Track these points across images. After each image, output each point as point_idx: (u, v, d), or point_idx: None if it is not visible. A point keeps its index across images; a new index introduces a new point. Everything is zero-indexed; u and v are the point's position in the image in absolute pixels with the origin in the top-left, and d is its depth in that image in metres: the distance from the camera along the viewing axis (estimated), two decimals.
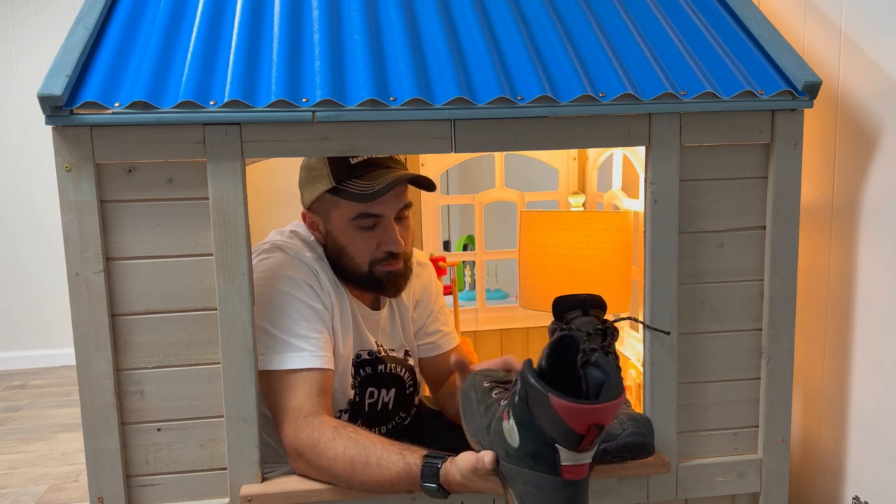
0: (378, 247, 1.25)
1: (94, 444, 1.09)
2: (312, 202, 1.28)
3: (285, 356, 1.15)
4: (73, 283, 1.05)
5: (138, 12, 1.17)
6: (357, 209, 1.23)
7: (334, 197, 1.24)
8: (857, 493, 1.28)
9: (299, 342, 1.16)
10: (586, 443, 0.81)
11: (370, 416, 1.36)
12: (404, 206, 1.28)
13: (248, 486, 1.11)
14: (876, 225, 1.21)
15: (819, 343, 1.35)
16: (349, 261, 1.26)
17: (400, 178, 1.23)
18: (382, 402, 1.37)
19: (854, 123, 1.24)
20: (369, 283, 1.28)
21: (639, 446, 1.09)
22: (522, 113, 1.09)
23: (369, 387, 1.34)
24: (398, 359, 1.39)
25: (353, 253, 1.26)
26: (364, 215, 1.23)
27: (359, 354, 1.32)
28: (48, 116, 1.00)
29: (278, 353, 1.16)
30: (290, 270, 1.21)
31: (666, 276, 1.17)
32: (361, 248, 1.25)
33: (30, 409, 3.11)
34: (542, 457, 0.84)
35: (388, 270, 1.27)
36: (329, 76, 1.08)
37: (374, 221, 1.24)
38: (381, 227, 1.25)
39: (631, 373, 1.64)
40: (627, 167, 1.72)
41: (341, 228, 1.26)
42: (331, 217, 1.27)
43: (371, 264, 1.26)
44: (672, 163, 1.15)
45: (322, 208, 1.28)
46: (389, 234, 1.25)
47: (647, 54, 1.19)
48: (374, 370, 1.34)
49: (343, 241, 1.26)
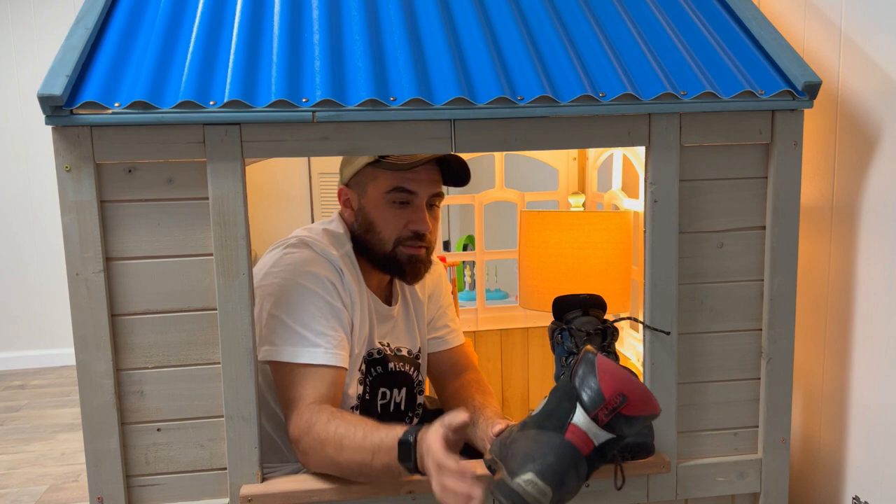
0: (406, 225, 1.28)
1: (94, 444, 1.09)
2: (352, 177, 1.31)
3: (299, 349, 1.16)
4: (73, 283, 1.05)
5: (138, 12, 1.17)
6: (394, 181, 1.26)
7: (374, 169, 1.27)
8: (857, 493, 1.28)
9: (315, 338, 1.17)
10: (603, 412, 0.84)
11: (383, 418, 1.36)
12: (437, 193, 1.31)
13: (248, 486, 1.11)
14: (876, 225, 1.21)
15: (819, 343, 1.35)
16: (376, 236, 1.29)
17: (439, 156, 1.26)
18: (395, 403, 1.37)
19: (854, 123, 1.24)
20: (390, 264, 1.30)
21: (639, 446, 1.09)
22: (522, 113, 1.09)
23: (381, 387, 1.35)
24: (405, 357, 1.39)
25: (381, 227, 1.28)
26: (399, 189, 1.26)
27: (369, 353, 1.32)
28: (48, 116, 1.00)
29: (292, 345, 1.16)
30: (314, 266, 1.23)
31: (666, 276, 1.17)
32: (390, 223, 1.28)
33: (30, 409, 3.11)
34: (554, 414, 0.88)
35: (411, 254, 1.29)
36: (329, 76, 1.08)
37: (407, 198, 1.27)
38: (413, 206, 1.28)
39: None
40: (627, 167, 1.72)
41: (375, 202, 1.28)
42: (367, 191, 1.29)
43: (396, 243, 1.28)
44: (672, 163, 1.15)
45: (360, 182, 1.30)
46: (419, 214, 1.28)
47: (647, 54, 1.19)
48: (385, 369, 1.34)
49: (374, 215, 1.28)
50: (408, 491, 1.13)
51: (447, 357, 1.46)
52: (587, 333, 1.22)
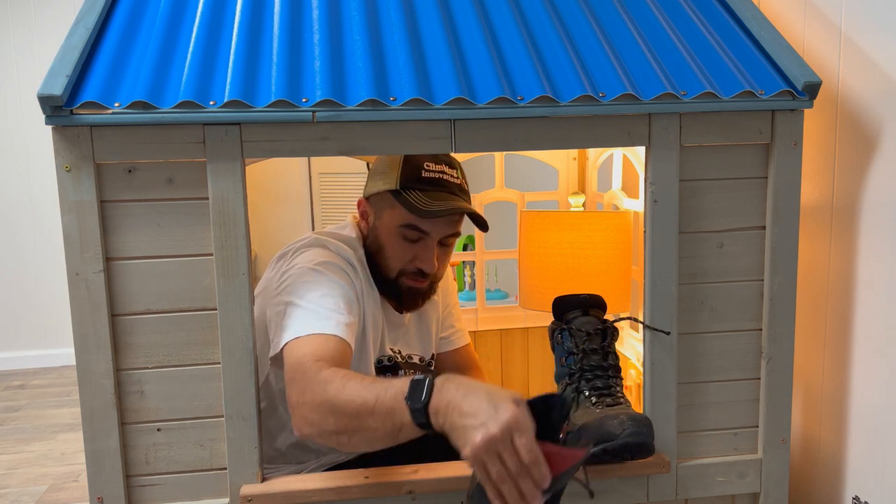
0: (412, 260, 1.27)
1: (94, 444, 1.09)
2: (373, 194, 1.32)
3: (308, 321, 1.11)
4: (73, 283, 1.05)
5: (138, 12, 1.17)
6: (408, 219, 1.25)
7: (393, 199, 1.27)
8: (857, 493, 1.28)
9: (326, 312, 1.13)
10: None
11: None
12: (453, 233, 1.30)
13: (248, 486, 1.11)
14: (876, 225, 1.21)
15: (819, 343, 1.35)
16: (383, 261, 1.29)
17: (457, 209, 1.25)
18: None
19: (854, 123, 1.24)
20: (391, 290, 1.30)
21: (639, 446, 1.09)
22: (522, 113, 1.09)
23: None
24: (417, 365, 1.38)
25: (388, 255, 1.28)
26: (412, 227, 1.25)
27: (379, 360, 1.31)
28: (48, 116, 1.00)
29: (302, 320, 1.11)
30: (329, 257, 1.23)
31: (666, 276, 1.17)
32: (397, 254, 1.27)
33: (30, 409, 3.11)
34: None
35: (412, 286, 1.29)
36: (329, 76, 1.08)
37: (418, 236, 1.26)
38: (423, 243, 1.27)
39: (631, 373, 1.64)
40: (627, 167, 1.72)
41: (388, 230, 1.28)
42: (383, 215, 1.29)
43: (399, 273, 1.28)
44: (672, 163, 1.15)
45: (378, 203, 1.31)
46: (427, 253, 1.27)
47: (647, 54, 1.19)
48: (396, 376, 1.34)
49: (384, 241, 1.28)
50: (408, 491, 1.13)
51: (451, 358, 1.46)
52: (587, 333, 1.22)
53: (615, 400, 1.17)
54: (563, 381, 1.23)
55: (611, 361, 1.22)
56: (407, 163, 1.27)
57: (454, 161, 1.32)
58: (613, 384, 1.20)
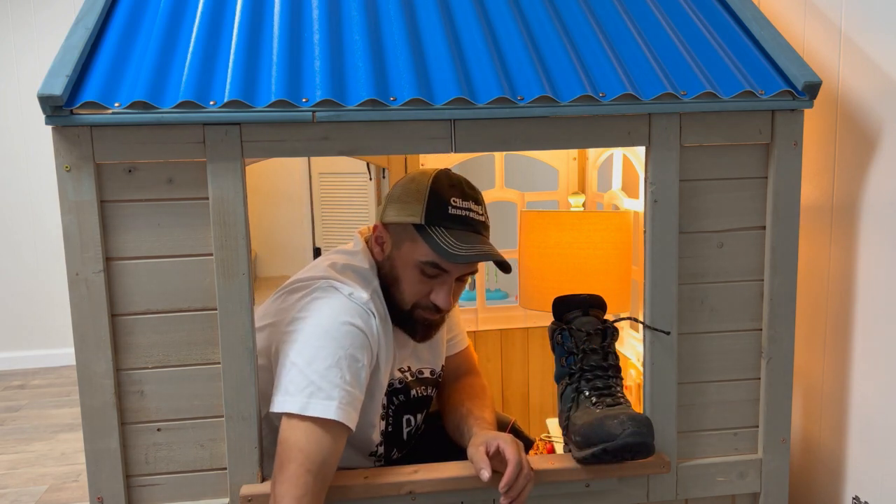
0: (429, 295, 1.24)
1: (94, 444, 1.09)
2: (392, 223, 1.25)
3: (312, 401, 1.08)
4: (73, 283, 1.05)
5: (138, 12, 1.17)
6: (431, 257, 1.20)
7: (416, 233, 1.21)
8: (857, 493, 1.28)
9: (331, 389, 1.09)
10: None
11: (407, 444, 1.35)
12: (471, 272, 1.28)
13: (248, 486, 1.11)
14: (876, 225, 1.21)
15: (819, 343, 1.35)
16: (398, 292, 1.25)
17: (483, 256, 1.20)
18: (416, 427, 1.36)
19: (854, 123, 1.24)
20: (404, 320, 1.27)
21: (639, 446, 1.09)
22: (522, 113, 1.09)
23: (405, 414, 1.33)
24: (427, 379, 1.38)
25: (404, 288, 1.24)
26: (433, 265, 1.21)
27: (390, 384, 1.30)
28: (48, 116, 1.00)
29: (306, 396, 1.08)
30: (343, 315, 1.16)
31: (666, 276, 1.17)
32: (414, 289, 1.24)
33: (30, 409, 3.11)
34: None
35: (426, 318, 1.27)
36: (329, 76, 1.08)
37: (438, 273, 1.23)
38: (441, 280, 1.24)
39: (631, 373, 1.64)
40: (627, 167, 1.72)
41: (406, 262, 1.23)
42: (402, 247, 1.24)
43: (414, 307, 1.25)
44: (672, 163, 1.15)
45: (399, 233, 1.25)
46: (445, 290, 1.24)
47: (647, 54, 1.19)
48: (407, 396, 1.33)
49: (401, 273, 1.24)
50: (408, 491, 1.13)
51: (450, 363, 1.46)
52: (587, 333, 1.22)
53: (615, 400, 1.17)
54: (563, 381, 1.23)
55: (611, 361, 1.22)
56: (433, 196, 1.21)
57: (479, 196, 1.27)
58: (613, 384, 1.20)
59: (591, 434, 1.11)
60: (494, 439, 1.12)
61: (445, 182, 1.23)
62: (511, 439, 1.11)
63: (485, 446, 1.11)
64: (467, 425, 1.24)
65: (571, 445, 1.18)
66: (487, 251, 1.21)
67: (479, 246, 1.21)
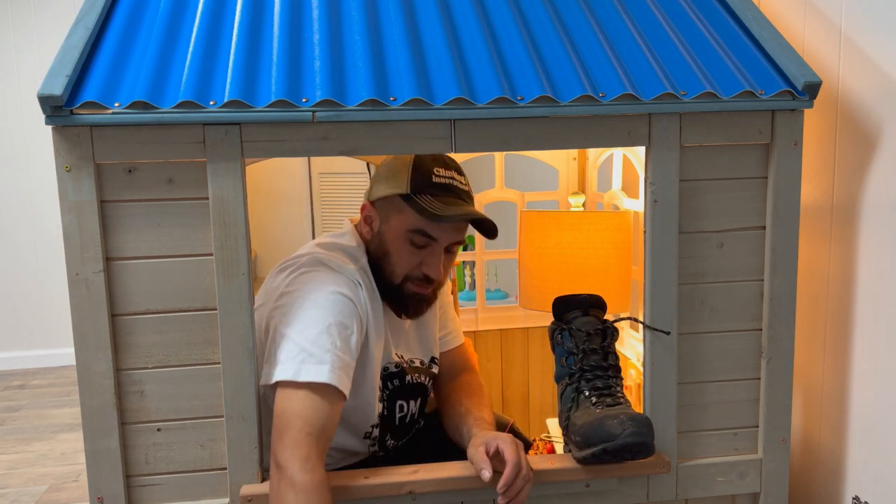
0: (419, 266, 1.26)
1: (94, 444, 1.09)
2: (379, 198, 1.29)
3: (304, 367, 1.10)
4: (73, 283, 1.05)
5: (138, 12, 1.17)
6: (418, 224, 1.23)
7: (403, 203, 1.24)
8: (857, 493, 1.28)
9: (322, 354, 1.11)
10: None
11: (399, 430, 1.35)
12: (458, 241, 1.29)
13: (248, 486, 1.11)
14: (876, 225, 1.21)
15: (819, 343, 1.35)
16: (388, 267, 1.27)
17: (469, 215, 1.24)
18: (411, 414, 1.36)
19: (854, 123, 1.24)
20: (395, 296, 1.29)
21: (639, 446, 1.09)
22: (522, 113, 1.09)
23: (399, 400, 1.33)
24: (420, 368, 1.38)
25: (394, 260, 1.26)
26: (421, 232, 1.24)
27: (386, 367, 1.31)
28: (48, 116, 1.00)
29: (297, 361, 1.10)
30: (330, 285, 1.19)
31: (666, 276, 1.17)
32: (404, 260, 1.26)
33: (30, 409, 3.12)
34: None
35: (417, 292, 1.28)
36: (329, 76, 1.08)
37: (426, 242, 1.25)
38: (430, 249, 1.26)
39: (631, 373, 1.64)
40: (627, 167, 1.72)
41: (395, 234, 1.26)
42: (390, 220, 1.27)
43: (405, 279, 1.27)
44: (672, 163, 1.15)
45: (386, 208, 1.28)
46: (434, 259, 1.26)
47: (647, 54, 1.19)
48: (402, 382, 1.33)
49: (391, 246, 1.27)
50: (408, 491, 1.13)
51: (445, 360, 1.46)
52: (587, 333, 1.22)
53: (615, 400, 1.17)
54: (563, 381, 1.23)
55: (611, 361, 1.22)
56: (416, 168, 1.24)
57: (461, 169, 1.31)
58: (613, 384, 1.20)
59: (591, 434, 1.11)
60: (494, 439, 1.12)
61: (427, 156, 1.27)
62: (511, 439, 1.11)
63: (485, 446, 1.11)
64: (466, 425, 1.25)
65: (571, 445, 1.18)
66: (472, 212, 1.24)
67: (465, 209, 1.24)
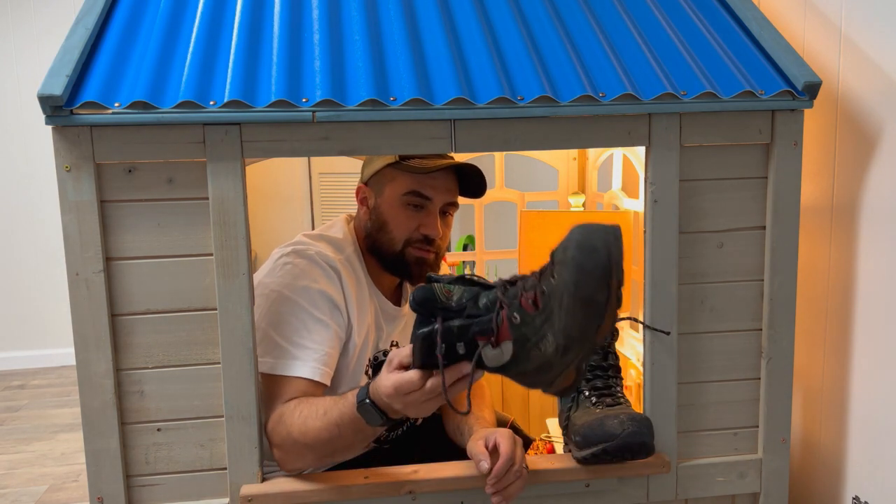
0: (418, 228, 1.30)
1: (94, 444, 1.09)
2: (371, 176, 1.34)
3: (279, 362, 1.16)
4: (73, 283, 1.05)
5: (138, 12, 1.17)
6: (411, 184, 1.28)
7: (394, 171, 1.30)
8: (857, 493, 1.28)
9: (295, 350, 1.17)
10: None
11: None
12: (452, 202, 1.34)
13: (248, 486, 1.11)
14: (876, 225, 1.21)
15: (819, 343, 1.35)
16: (387, 235, 1.31)
17: (459, 164, 1.30)
18: None
19: (854, 123, 1.24)
20: (398, 264, 1.32)
21: (639, 446, 1.09)
22: (522, 113, 1.09)
23: None
24: None
25: (393, 227, 1.30)
26: (415, 193, 1.29)
27: (376, 356, 1.32)
28: (48, 116, 1.00)
29: (273, 357, 1.17)
30: (304, 279, 1.22)
31: (666, 276, 1.17)
32: (403, 224, 1.30)
33: (30, 409, 3.11)
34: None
35: (419, 256, 1.31)
36: (329, 76, 1.08)
37: (422, 202, 1.29)
38: (426, 210, 1.30)
39: (631, 373, 1.64)
40: (627, 167, 1.72)
41: (390, 202, 1.30)
42: (384, 191, 1.31)
43: (406, 244, 1.30)
44: (672, 163, 1.15)
45: (378, 182, 1.33)
46: (432, 219, 1.30)
47: (647, 54, 1.19)
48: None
49: (388, 215, 1.31)
50: (408, 491, 1.13)
51: None
52: None
53: (615, 400, 1.17)
54: None
55: (611, 361, 1.22)
56: None
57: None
58: (613, 384, 1.20)
59: (590, 434, 1.12)
60: (493, 434, 1.13)
61: None
62: (509, 434, 1.12)
63: (484, 440, 1.12)
64: (467, 424, 1.25)
65: (571, 445, 1.18)
66: (459, 162, 1.31)
67: (452, 160, 1.30)
